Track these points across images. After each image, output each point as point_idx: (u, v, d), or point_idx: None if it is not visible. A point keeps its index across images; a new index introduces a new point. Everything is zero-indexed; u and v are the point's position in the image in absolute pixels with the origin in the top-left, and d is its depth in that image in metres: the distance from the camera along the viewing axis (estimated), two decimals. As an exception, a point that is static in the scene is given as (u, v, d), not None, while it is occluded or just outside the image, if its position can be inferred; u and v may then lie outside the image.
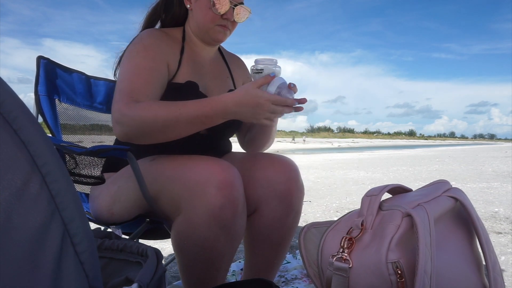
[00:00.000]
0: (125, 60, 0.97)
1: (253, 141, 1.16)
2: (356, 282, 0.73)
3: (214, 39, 1.04)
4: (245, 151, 1.19)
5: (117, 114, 0.87)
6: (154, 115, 0.84)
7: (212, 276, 0.88)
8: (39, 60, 1.27)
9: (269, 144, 1.16)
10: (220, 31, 1.02)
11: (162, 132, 0.86)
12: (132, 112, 0.85)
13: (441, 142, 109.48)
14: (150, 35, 1.01)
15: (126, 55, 0.98)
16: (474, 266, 0.82)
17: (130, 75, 0.93)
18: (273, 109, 0.83)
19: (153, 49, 0.98)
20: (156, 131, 0.86)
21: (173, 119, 0.84)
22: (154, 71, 0.95)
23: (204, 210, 0.81)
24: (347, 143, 48.28)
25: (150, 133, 0.86)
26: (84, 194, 1.28)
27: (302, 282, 1.37)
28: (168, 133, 0.87)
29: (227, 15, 0.99)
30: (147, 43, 0.98)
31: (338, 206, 3.18)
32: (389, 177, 5.56)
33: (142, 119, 0.84)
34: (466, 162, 8.64)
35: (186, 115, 0.84)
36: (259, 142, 1.15)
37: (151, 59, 0.96)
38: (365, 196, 0.83)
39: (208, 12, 0.99)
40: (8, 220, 0.39)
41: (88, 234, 0.45)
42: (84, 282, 0.44)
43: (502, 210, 2.91)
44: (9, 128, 0.41)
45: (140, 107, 0.86)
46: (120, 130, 0.87)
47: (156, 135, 0.87)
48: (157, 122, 0.84)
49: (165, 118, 0.84)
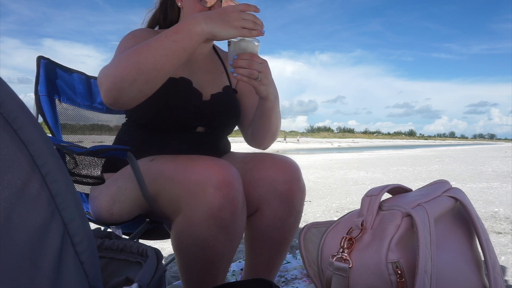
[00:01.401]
0: (117, 48, 1.01)
1: (257, 131, 1.12)
2: (356, 282, 0.73)
3: None
4: (246, 152, 1.19)
5: (99, 77, 0.86)
6: (126, 57, 0.83)
7: (212, 276, 0.88)
8: (39, 60, 1.27)
9: (272, 131, 1.11)
10: None
11: (139, 72, 0.81)
12: (107, 68, 0.85)
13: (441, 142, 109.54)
14: (141, 29, 1.07)
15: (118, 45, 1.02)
16: (474, 266, 0.82)
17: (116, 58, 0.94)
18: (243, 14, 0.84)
19: (141, 37, 1.01)
20: (133, 74, 0.81)
21: (144, 48, 0.83)
22: None
23: (203, 210, 0.81)
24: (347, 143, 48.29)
25: (128, 79, 0.81)
26: (84, 194, 1.28)
27: (302, 282, 1.37)
28: (145, 72, 0.82)
29: (214, 8, 1.00)
30: (136, 33, 1.03)
31: (338, 206, 3.18)
32: (389, 177, 5.56)
33: (116, 67, 0.83)
34: (466, 162, 8.64)
35: (156, 39, 0.84)
36: (262, 130, 1.10)
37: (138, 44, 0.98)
38: (365, 196, 0.83)
39: (196, 5, 1.01)
40: (8, 220, 0.39)
41: (88, 234, 0.45)
42: (84, 282, 0.44)
43: (502, 210, 2.91)
44: (9, 128, 0.41)
45: (112, 62, 0.87)
46: (103, 92, 0.84)
47: (135, 79, 0.82)
48: (131, 61, 0.82)
49: (136, 53, 0.83)
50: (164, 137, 1.03)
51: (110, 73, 0.83)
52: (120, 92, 0.83)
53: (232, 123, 1.13)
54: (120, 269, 0.63)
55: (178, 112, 1.00)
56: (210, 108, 1.05)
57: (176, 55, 0.84)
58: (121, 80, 0.82)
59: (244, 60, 0.87)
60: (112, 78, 0.82)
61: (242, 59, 0.87)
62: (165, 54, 0.82)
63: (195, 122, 1.04)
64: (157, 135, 1.03)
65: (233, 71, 0.88)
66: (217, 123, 1.08)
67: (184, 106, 1.01)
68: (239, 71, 0.87)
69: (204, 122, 1.05)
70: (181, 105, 1.00)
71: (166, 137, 1.03)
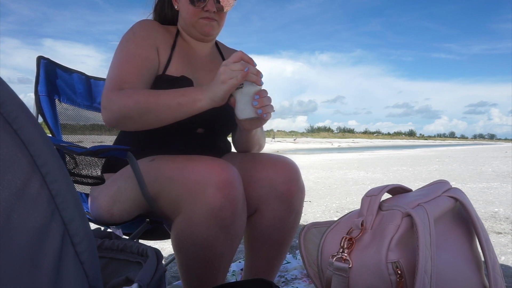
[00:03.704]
0: (117, 49, 1.02)
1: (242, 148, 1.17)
2: (356, 282, 0.73)
3: (202, 32, 1.06)
4: (246, 152, 1.19)
5: (104, 100, 0.92)
6: (136, 100, 0.88)
7: (212, 276, 0.88)
8: (39, 60, 1.27)
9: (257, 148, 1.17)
10: (206, 23, 1.04)
11: (143, 117, 0.89)
12: (116, 98, 0.90)
13: (441, 142, 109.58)
14: (141, 23, 1.06)
15: (118, 45, 1.02)
16: (474, 266, 0.82)
17: (118, 62, 0.98)
18: (233, 66, 0.84)
19: (142, 36, 1.02)
20: (137, 116, 0.89)
21: (153, 102, 0.88)
22: (141, 58, 0.98)
23: (203, 210, 0.81)
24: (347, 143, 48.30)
25: (131, 118, 0.89)
26: (84, 194, 1.28)
27: (302, 282, 1.37)
28: (149, 119, 0.89)
29: (207, 7, 1.01)
30: (136, 30, 1.03)
31: (338, 206, 3.18)
32: (389, 177, 5.56)
33: (124, 104, 0.88)
34: (466, 162, 8.64)
35: (164, 98, 0.88)
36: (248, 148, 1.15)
37: (139, 46, 1.00)
38: (365, 196, 0.83)
39: (190, 6, 1.01)
40: (8, 220, 0.39)
41: (88, 234, 0.45)
42: (84, 282, 0.44)
43: (502, 210, 2.91)
44: (9, 128, 0.41)
45: (123, 93, 0.90)
46: (105, 116, 0.92)
47: (137, 121, 0.90)
48: (138, 107, 0.88)
49: (145, 102, 0.88)
50: (164, 138, 1.03)
51: (114, 108, 0.90)
52: (121, 125, 0.92)
53: (232, 125, 1.13)
54: (120, 269, 0.63)
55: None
56: (211, 109, 1.05)
57: (179, 115, 0.89)
58: (125, 120, 0.90)
59: (267, 97, 0.88)
60: (115, 113, 0.90)
61: (265, 97, 0.87)
62: (170, 113, 0.89)
63: (195, 124, 1.04)
64: (157, 136, 1.03)
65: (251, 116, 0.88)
66: (217, 124, 1.08)
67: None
68: (267, 109, 0.88)
69: (204, 123, 1.05)
70: None
71: (166, 138, 1.03)
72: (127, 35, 1.02)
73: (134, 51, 0.98)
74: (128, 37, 1.02)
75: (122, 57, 0.98)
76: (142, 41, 1.00)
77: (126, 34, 1.03)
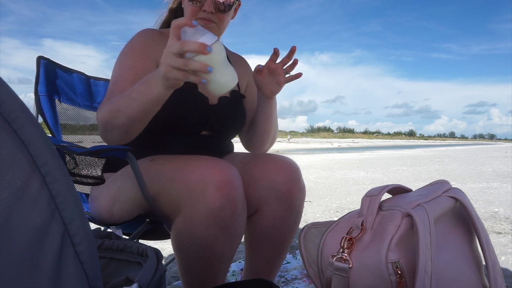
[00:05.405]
0: (115, 62, 1.01)
1: (257, 135, 1.15)
2: (356, 282, 0.73)
3: None
4: (246, 152, 1.19)
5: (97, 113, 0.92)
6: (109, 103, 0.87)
7: (212, 276, 0.88)
8: (39, 60, 1.27)
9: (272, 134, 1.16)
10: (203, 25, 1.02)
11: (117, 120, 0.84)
12: (99, 109, 0.90)
13: (441, 142, 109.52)
14: (140, 35, 1.04)
15: (117, 58, 1.02)
16: (474, 266, 0.82)
17: (113, 77, 0.98)
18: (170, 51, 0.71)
19: (140, 49, 1.00)
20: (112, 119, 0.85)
21: (120, 100, 0.85)
22: (138, 71, 0.96)
23: (203, 210, 0.81)
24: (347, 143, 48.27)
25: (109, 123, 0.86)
26: (84, 194, 1.28)
27: (302, 282, 1.37)
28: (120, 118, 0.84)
29: (205, 7, 0.98)
30: (135, 43, 1.02)
31: (338, 206, 3.18)
32: (389, 177, 5.56)
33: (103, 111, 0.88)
34: (466, 162, 8.64)
35: (128, 92, 0.84)
36: (263, 133, 1.14)
37: (137, 59, 0.98)
38: (365, 196, 0.83)
39: (189, 4, 1.00)
40: (8, 220, 0.39)
41: (88, 234, 0.45)
42: (84, 282, 0.44)
43: (502, 210, 2.91)
44: (9, 128, 0.41)
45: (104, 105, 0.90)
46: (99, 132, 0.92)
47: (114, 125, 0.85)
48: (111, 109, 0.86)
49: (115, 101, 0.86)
50: (166, 139, 1.02)
51: (98, 118, 0.90)
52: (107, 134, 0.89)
53: (237, 128, 1.13)
54: (120, 269, 0.63)
55: (182, 120, 1.00)
56: (216, 113, 1.04)
57: (142, 107, 0.81)
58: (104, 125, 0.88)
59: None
60: (100, 124, 0.90)
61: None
62: (132, 103, 0.82)
63: (199, 127, 1.03)
64: (159, 137, 1.03)
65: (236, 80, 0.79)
66: (222, 128, 1.08)
67: (187, 114, 1.00)
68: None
69: (209, 126, 1.05)
70: (184, 113, 0.99)
71: (168, 139, 1.02)
72: (126, 48, 1.01)
73: (130, 65, 0.97)
74: (126, 51, 1.00)
75: (118, 71, 0.98)
76: (140, 54, 0.99)
77: (125, 47, 1.01)
